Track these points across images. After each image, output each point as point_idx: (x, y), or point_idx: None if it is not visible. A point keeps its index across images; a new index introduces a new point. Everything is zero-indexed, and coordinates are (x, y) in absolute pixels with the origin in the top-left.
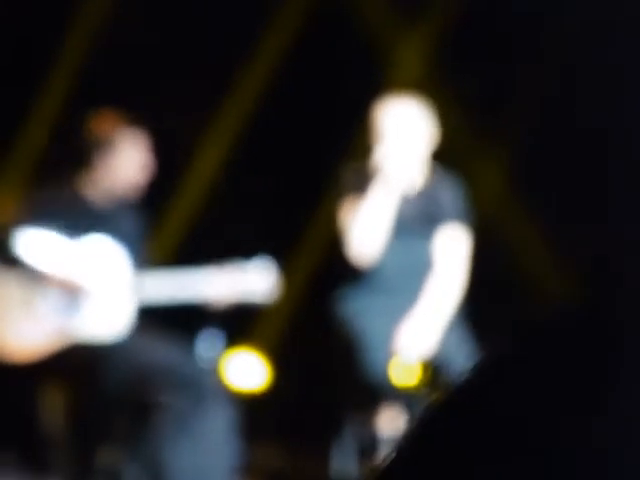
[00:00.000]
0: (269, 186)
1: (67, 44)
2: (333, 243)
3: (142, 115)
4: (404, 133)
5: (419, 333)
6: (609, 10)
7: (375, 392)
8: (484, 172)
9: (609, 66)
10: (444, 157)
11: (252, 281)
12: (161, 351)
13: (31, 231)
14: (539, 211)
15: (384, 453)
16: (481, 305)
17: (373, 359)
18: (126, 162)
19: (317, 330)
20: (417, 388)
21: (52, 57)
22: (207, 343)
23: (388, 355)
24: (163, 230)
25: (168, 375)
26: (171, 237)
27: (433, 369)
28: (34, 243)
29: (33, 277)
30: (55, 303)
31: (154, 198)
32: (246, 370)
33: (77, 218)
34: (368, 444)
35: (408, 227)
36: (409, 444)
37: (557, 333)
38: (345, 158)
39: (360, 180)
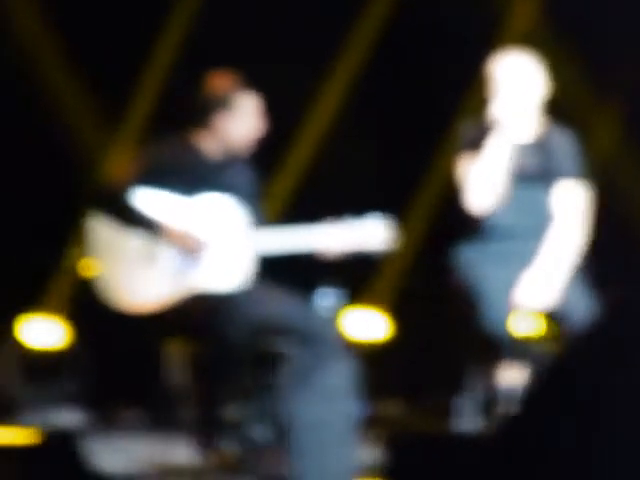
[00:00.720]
0: (385, 141)
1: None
2: (449, 196)
3: (256, 76)
4: (519, 86)
5: (540, 284)
6: None
7: (495, 344)
8: (599, 126)
9: None
10: (559, 111)
11: (368, 234)
12: (282, 303)
13: (149, 187)
14: None
15: (504, 407)
16: (599, 258)
17: (493, 310)
18: (243, 121)
19: (435, 283)
20: (538, 340)
21: (163, 19)
22: (326, 296)
23: (508, 306)
24: (278, 185)
25: (289, 326)
26: (285, 192)
27: (554, 321)
28: (152, 199)
29: (152, 231)
30: (175, 256)
31: (268, 155)
32: (365, 323)
33: (194, 174)
34: (488, 397)
35: (525, 178)
36: (532, 401)
37: None
38: (460, 112)
39: (477, 134)
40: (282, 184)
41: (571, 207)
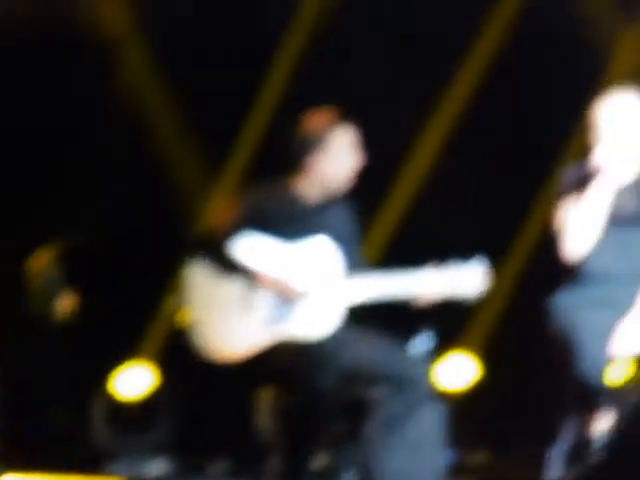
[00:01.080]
0: (484, 185)
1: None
2: (548, 241)
3: (355, 111)
4: (624, 130)
5: (638, 332)
6: None
7: (590, 393)
8: None
9: None
10: None
11: (464, 280)
12: (374, 348)
13: (247, 233)
14: None
15: (596, 456)
16: None
17: (589, 357)
18: (338, 159)
19: (528, 329)
20: (628, 387)
21: (263, 67)
22: (420, 343)
23: (605, 354)
24: (376, 229)
25: (381, 372)
26: (385, 235)
27: None
28: (251, 245)
29: (250, 278)
30: (270, 304)
31: (367, 196)
32: (458, 370)
33: (291, 218)
34: (580, 447)
35: (624, 221)
36: (615, 450)
37: None
38: (561, 157)
39: (579, 178)
40: (382, 226)
41: None
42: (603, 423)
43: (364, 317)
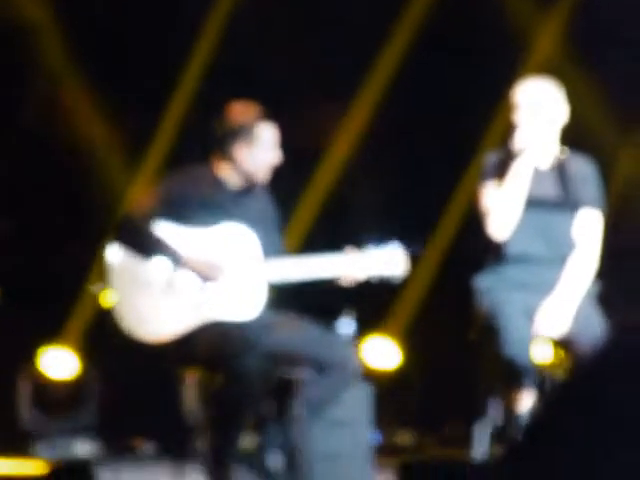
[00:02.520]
0: (407, 169)
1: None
2: (470, 224)
3: (274, 109)
4: (540, 115)
5: (560, 312)
6: None
7: (515, 371)
8: (620, 154)
9: None
10: (580, 138)
11: (387, 262)
12: (300, 331)
13: (168, 217)
14: None
15: (520, 436)
16: (609, 284)
17: (512, 337)
18: (262, 152)
19: (452, 310)
20: (551, 367)
21: (186, 53)
22: (344, 325)
23: (528, 333)
24: (297, 216)
25: (307, 355)
26: (304, 222)
27: (566, 347)
28: (172, 228)
29: (171, 259)
30: (192, 286)
31: (290, 182)
32: (382, 352)
33: (213, 203)
34: (506, 424)
35: (543, 205)
36: (534, 430)
37: None
38: (483, 142)
39: (500, 162)
40: (304, 212)
41: (591, 236)
42: (527, 402)
43: (288, 300)
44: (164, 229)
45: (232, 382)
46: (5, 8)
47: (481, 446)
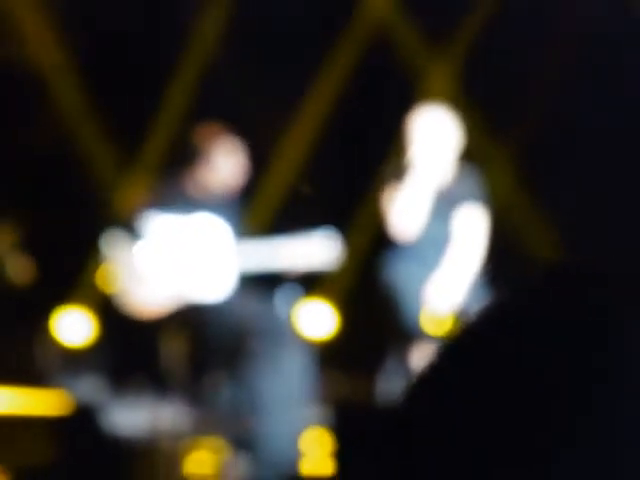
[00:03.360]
0: (336, 178)
1: (184, 62)
2: (381, 221)
3: (237, 125)
4: (431, 136)
5: (447, 289)
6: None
7: (410, 336)
8: (498, 168)
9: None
10: (469, 157)
11: (318, 250)
12: (253, 306)
13: (154, 215)
14: (539, 197)
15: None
16: (495, 269)
17: (408, 311)
18: (219, 167)
19: (372, 289)
20: (442, 332)
21: (172, 73)
22: (285, 300)
23: (419, 303)
24: (255, 210)
25: (257, 324)
26: (261, 214)
27: (457, 320)
28: (156, 224)
29: (156, 250)
30: (175, 266)
31: (248, 186)
32: (317, 316)
33: (192, 204)
34: (405, 374)
35: (438, 211)
36: (425, 375)
37: (545, 288)
38: (388, 157)
39: (398, 174)
40: (259, 209)
41: (469, 229)
42: (419, 358)
43: (244, 281)
44: (155, 219)
45: (204, 343)
46: (22, 53)
47: (386, 391)
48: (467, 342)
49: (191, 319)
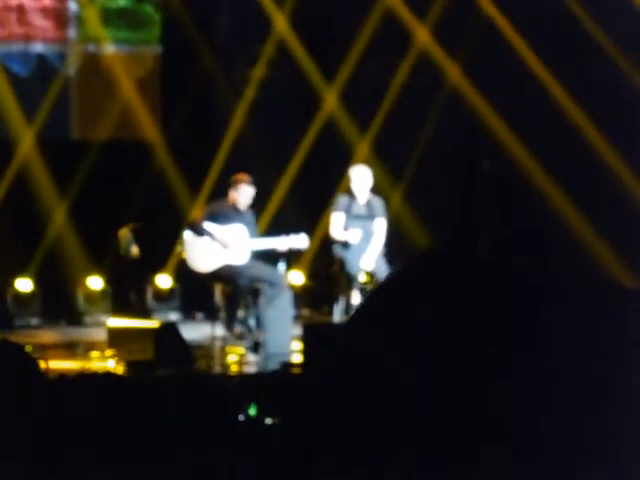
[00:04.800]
0: (310, 203)
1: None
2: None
3: (252, 174)
4: (362, 180)
5: (369, 259)
6: None
7: (351, 284)
8: (393, 195)
9: None
10: (377, 189)
11: (298, 241)
12: (261, 268)
13: (209, 220)
14: (418, 208)
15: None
16: (391, 248)
17: (352, 270)
18: (243, 196)
19: (327, 259)
20: (367, 283)
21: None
22: (280, 265)
23: (358, 268)
24: (260, 220)
25: (265, 278)
26: (263, 223)
27: (372, 275)
28: (210, 225)
29: (211, 238)
30: (219, 248)
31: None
32: (295, 276)
33: (229, 215)
34: (347, 306)
35: (362, 217)
36: (361, 311)
37: (426, 260)
38: (337, 191)
39: (344, 201)
40: (263, 220)
41: (381, 230)
42: (357, 298)
43: (258, 256)
44: (208, 225)
45: (235, 288)
46: (127, 129)
47: (337, 316)
48: (381, 291)
49: (228, 274)
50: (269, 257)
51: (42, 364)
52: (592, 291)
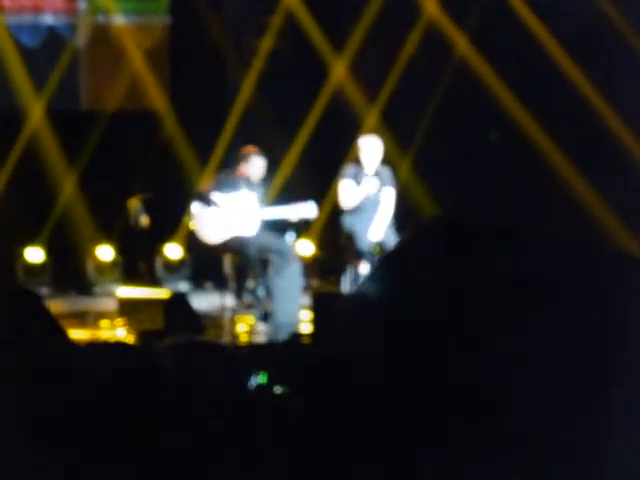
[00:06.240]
0: (319, 173)
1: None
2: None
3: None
4: (372, 150)
5: (378, 231)
6: None
7: (361, 254)
8: (401, 165)
9: None
10: (386, 159)
11: (307, 211)
12: (270, 238)
13: (217, 190)
14: (426, 177)
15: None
16: (400, 218)
17: (360, 240)
18: (254, 168)
19: (337, 230)
20: (376, 253)
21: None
22: (289, 236)
23: (367, 239)
24: (270, 190)
25: (273, 248)
26: (271, 194)
27: (381, 245)
28: (218, 195)
29: (218, 208)
30: (228, 219)
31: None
32: (306, 247)
33: (238, 186)
34: (356, 277)
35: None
36: (370, 278)
37: (429, 230)
38: (345, 161)
39: (351, 172)
40: (273, 189)
41: (389, 199)
42: (365, 268)
43: (268, 225)
44: (216, 195)
45: (244, 259)
46: (136, 99)
47: (345, 286)
48: (390, 258)
49: (237, 244)
50: (278, 226)
51: None
52: (611, 260)
